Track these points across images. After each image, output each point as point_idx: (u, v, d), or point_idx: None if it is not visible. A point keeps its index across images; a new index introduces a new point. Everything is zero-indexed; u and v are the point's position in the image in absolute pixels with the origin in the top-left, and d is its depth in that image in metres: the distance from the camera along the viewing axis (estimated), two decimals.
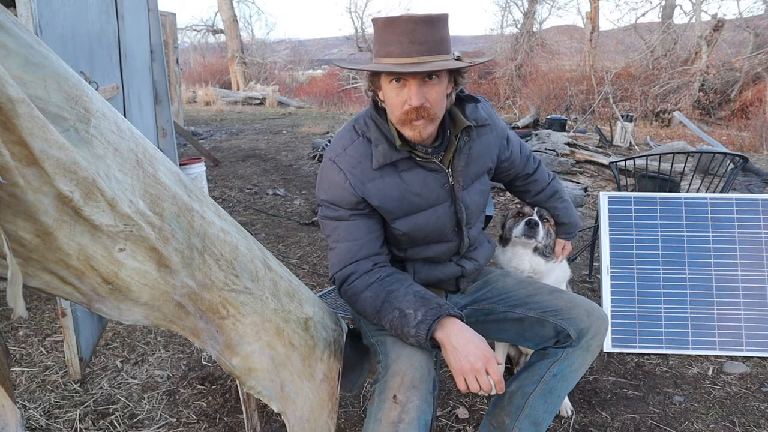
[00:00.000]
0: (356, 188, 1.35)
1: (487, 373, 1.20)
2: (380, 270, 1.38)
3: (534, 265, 1.86)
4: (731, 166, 3.14)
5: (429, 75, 1.23)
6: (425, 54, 1.22)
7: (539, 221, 1.80)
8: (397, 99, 1.27)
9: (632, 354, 2.40)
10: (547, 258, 1.87)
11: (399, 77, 1.24)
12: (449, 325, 1.25)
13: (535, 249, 1.85)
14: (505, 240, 1.93)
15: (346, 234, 1.39)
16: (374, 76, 1.32)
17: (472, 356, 1.20)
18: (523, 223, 1.81)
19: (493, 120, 1.50)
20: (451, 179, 1.42)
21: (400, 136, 1.34)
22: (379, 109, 1.38)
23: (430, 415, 1.26)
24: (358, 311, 1.40)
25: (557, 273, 1.92)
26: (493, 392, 1.21)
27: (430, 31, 1.21)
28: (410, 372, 1.27)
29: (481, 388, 1.19)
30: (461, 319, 1.28)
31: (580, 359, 1.44)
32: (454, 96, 1.37)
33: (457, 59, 1.28)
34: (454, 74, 1.32)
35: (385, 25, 1.23)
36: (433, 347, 1.27)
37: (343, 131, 1.44)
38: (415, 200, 1.40)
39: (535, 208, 1.84)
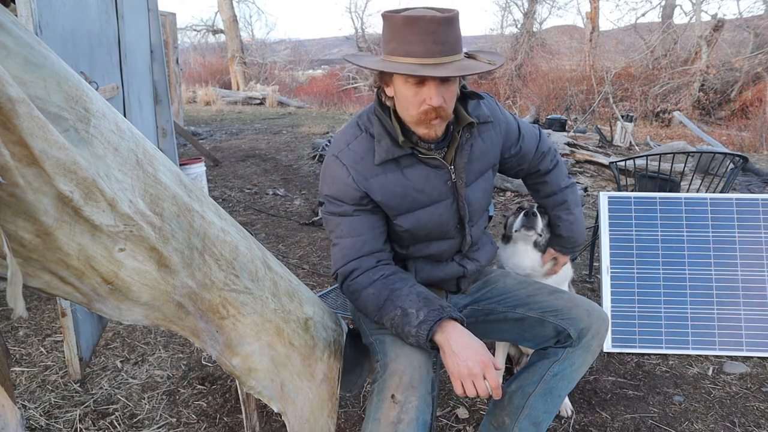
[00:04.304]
0: (359, 183, 1.35)
1: (485, 378, 1.20)
2: (384, 268, 1.38)
3: (534, 262, 1.86)
4: (731, 166, 3.14)
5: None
6: (447, 54, 1.22)
7: (537, 212, 1.81)
8: (415, 98, 1.26)
9: (632, 354, 2.40)
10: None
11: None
12: (449, 328, 1.24)
13: (535, 244, 1.85)
14: (506, 238, 1.95)
15: (349, 230, 1.38)
16: (385, 72, 1.30)
17: (470, 361, 1.19)
18: (521, 214, 1.83)
19: (497, 116, 1.49)
20: (453, 176, 1.41)
21: (404, 132, 1.34)
22: (383, 105, 1.37)
23: (429, 415, 1.26)
24: (360, 308, 1.40)
25: (559, 272, 1.92)
26: (491, 396, 1.22)
27: (449, 30, 1.21)
28: (408, 372, 1.26)
29: (478, 394, 1.19)
30: (462, 323, 1.27)
31: (581, 359, 1.44)
32: (458, 92, 1.36)
33: (467, 56, 1.29)
34: None
35: (406, 24, 1.21)
36: (432, 348, 1.27)
37: (346, 127, 1.43)
38: (417, 197, 1.39)
39: (536, 204, 1.84)
